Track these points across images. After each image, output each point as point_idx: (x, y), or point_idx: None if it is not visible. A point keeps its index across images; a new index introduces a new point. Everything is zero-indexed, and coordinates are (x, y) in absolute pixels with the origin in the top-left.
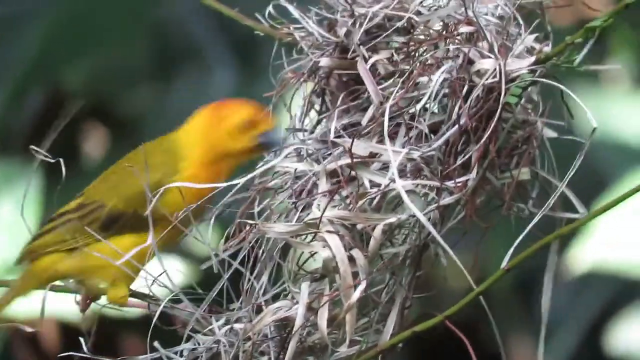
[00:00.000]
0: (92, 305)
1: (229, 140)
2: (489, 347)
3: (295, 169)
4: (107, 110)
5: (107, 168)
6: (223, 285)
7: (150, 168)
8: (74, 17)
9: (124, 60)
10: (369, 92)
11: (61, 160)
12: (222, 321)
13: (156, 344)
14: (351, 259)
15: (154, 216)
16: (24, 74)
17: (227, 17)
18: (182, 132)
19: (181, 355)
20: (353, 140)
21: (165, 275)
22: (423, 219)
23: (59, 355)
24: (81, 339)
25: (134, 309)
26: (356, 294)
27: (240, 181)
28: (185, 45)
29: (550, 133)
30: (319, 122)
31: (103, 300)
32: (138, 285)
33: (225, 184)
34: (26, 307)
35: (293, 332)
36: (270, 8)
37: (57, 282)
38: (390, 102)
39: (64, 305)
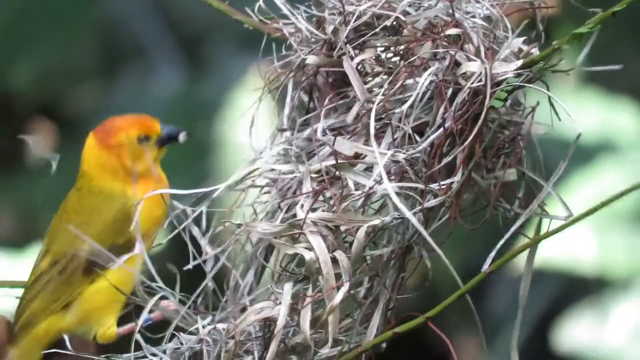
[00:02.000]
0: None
1: (138, 163)
2: (437, 346)
3: (280, 170)
4: (53, 108)
5: (54, 165)
6: (206, 284)
7: (99, 207)
8: (19, 16)
9: (70, 58)
10: (355, 91)
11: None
12: (206, 320)
13: (139, 338)
14: (334, 261)
15: (129, 239)
16: None
17: (173, 16)
18: (90, 180)
19: (164, 354)
20: (336, 139)
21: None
22: (414, 220)
23: (43, 352)
24: (65, 337)
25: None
26: (339, 296)
27: (224, 184)
28: (132, 43)
29: (539, 129)
30: (306, 119)
31: None
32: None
33: (212, 188)
34: None
35: (275, 332)
36: (260, 3)
37: None
38: (377, 102)
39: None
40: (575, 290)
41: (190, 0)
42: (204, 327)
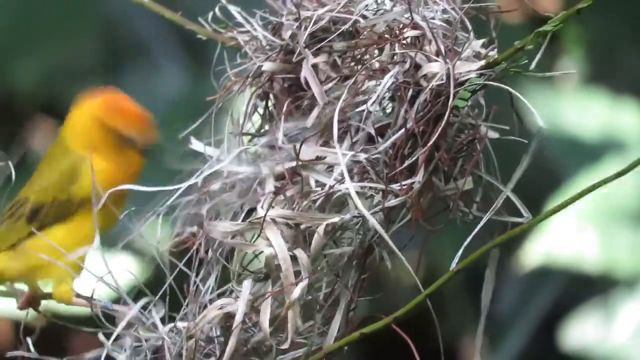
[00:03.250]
0: (48, 304)
1: (106, 148)
2: (439, 345)
3: (241, 171)
4: (56, 107)
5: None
6: (168, 286)
7: (58, 160)
8: (22, 14)
9: (73, 57)
10: (313, 95)
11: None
12: (161, 314)
13: (102, 336)
14: (294, 258)
15: (74, 201)
16: None
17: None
18: (68, 137)
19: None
20: (301, 146)
21: (110, 275)
22: (371, 219)
23: (7, 355)
24: (28, 338)
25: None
26: (297, 291)
27: (185, 184)
28: (135, 42)
29: (492, 134)
30: (261, 126)
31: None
32: (83, 285)
33: (174, 187)
34: None
35: (233, 328)
36: (214, 11)
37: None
38: (340, 104)
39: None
40: (581, 288)
41: (203, 3)
42: (163, 325)
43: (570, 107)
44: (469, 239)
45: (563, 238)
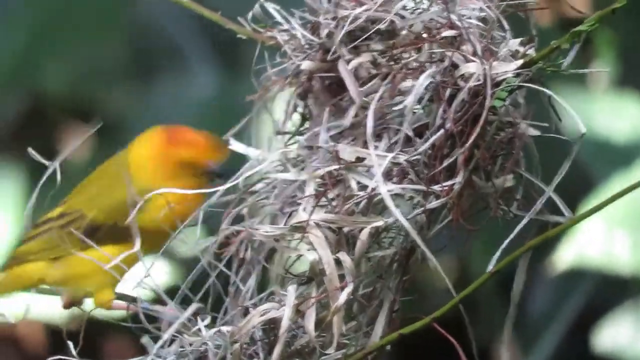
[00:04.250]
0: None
1: (176, 180)
2: (473, 346)
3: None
4: (87, 112)
5: (90, 169)
6: (210, 287)
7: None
8: (53, 18)
9: (104, 61)
10: (350, 94)
11: (57, 164)
12: (207, 322)
13: (146, 340)
14: (338, 262)
15: (140, 228)
16: (4, 77)
17: (208, 18)
18: (138, 152)
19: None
20: (338, 146)
21: (149, 277)
22: (406, 224)
23: None
24: (69, 343)
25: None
26: (343, 296)
27: (225, 186)
28: (167, 45)
29: (533, 131)
30: (302, 126)
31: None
32: (123, 288)
33: (211, 190)
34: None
35: (279, 334)
36: (254, 11)
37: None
38: (374, 105)
39: (50, 308)
40: (613, 291)
41: (225, 2)
42: (206, 330)
43: (601, 110)
44: (508, 240)
45: (594, 240)
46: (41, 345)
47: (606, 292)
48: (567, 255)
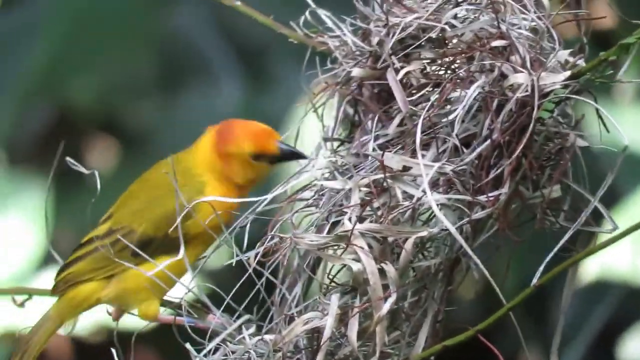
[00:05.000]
0: (105, 320)
1: (246, 173)
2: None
3: (327, 184)
4: (115, 124)
5: (117, 181)
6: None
7: (172, 193)
8: (81, 30)
9: (131, 73)
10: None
11: (96, 172)
12: (251, 330)
13: (190, 348)
14: (382, 272)
15: (187, 235)
16: (31, 87)
17: (234, 30)
18: (192, 157)
19: None
20: (384, 154)
21: (195, 286)
22: (456, 234)
23: None
24: (113, 351)
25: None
26: (386, 306)
27: (271, 195)
28: (193, 58)
29: (582, 142)
30: (350, 133)
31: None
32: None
33: (256, 199)
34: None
35: (322, 343)
36: (305, 16)
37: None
38: (424, 115)
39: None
40: (638, 303)
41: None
42: (250, 338)
43: (627, 121)
44: (553, 252)
45: (620, 252)
46: (66, 358)
47: (632, 303)
48: (593, 267)
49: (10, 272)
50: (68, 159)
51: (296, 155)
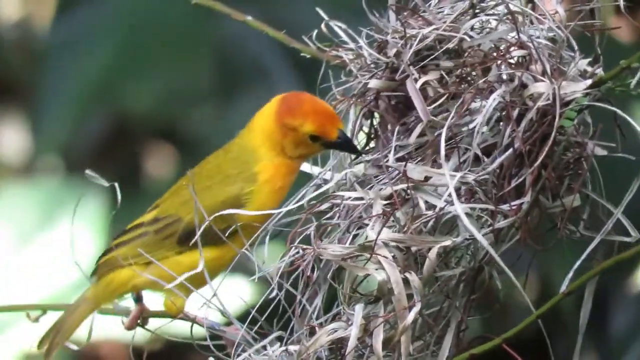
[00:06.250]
0: (162, 328)
1: (298, 148)
2: None
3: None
4: (172, 131)
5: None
6: (278, 306)
7: (225, 180)
8: (138, 37)
9: (188, 80)
10: (417, 113)
11: (116, 185)
12: (275, 342)
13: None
14: (405, 281)
15: (229, 226)
16: (89, 95)
17: (289, 36)
18: (249, 135)
19: None
20: (406, 164)
21: (217, 298)
22: (484, 242)
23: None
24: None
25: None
26: (411, 316)
27: (291, 205)
28: (249, 64)
29: (600, 151)
30: (367, 145)
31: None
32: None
33: (275, 211)
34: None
35: (346, 353)
36: (319, 29)
37: (107, 305)
38: (447, 123)
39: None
40: None
41: (307, 21)
42: (273, 349)
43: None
44: (579, 262)
45: None
46: None
47: None
48: None
49: (68, 279)
50: (87, 171)
51: (351, 148)
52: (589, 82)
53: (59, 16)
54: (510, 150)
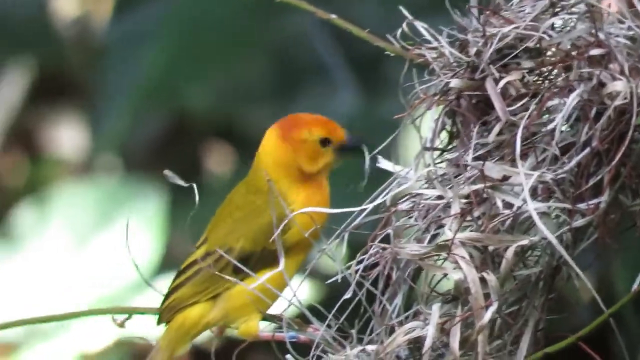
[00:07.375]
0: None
1: (314, 160)
2: None
3: (427, 194)
4: (230, 130)
5: (235, 186)
6: (356, 307)
7: (259, 208)
8: (196, 36)
9: (247, 79)
10: (497, 111)
11: (194, 186)
12: (354, 343)
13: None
14: (483, 281)
15: (285, 245)
16: (147, 94)
17: (348, 35)
18: (262, 168)
19: None
20: (485, 163)
21: (295, 298)
22: (555, 242)
23: None
24: None
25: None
26: (487, 315)
27: (371, 205)
28: (309, 63)
29: None
30: (449, 144)
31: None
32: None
33: (356, 208)
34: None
35: (423, 352)
36: (402, 28)
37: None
38: (524, 122)
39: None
40: None
41: (367, 20)
42: (351, 348)
43: None
44: None
45: None
46: None
47: None
48: None
49: (127, 278)
50: (166, 172)
51: (360, 147)
52: None
53: (117, 14)
54: (588, 149)
